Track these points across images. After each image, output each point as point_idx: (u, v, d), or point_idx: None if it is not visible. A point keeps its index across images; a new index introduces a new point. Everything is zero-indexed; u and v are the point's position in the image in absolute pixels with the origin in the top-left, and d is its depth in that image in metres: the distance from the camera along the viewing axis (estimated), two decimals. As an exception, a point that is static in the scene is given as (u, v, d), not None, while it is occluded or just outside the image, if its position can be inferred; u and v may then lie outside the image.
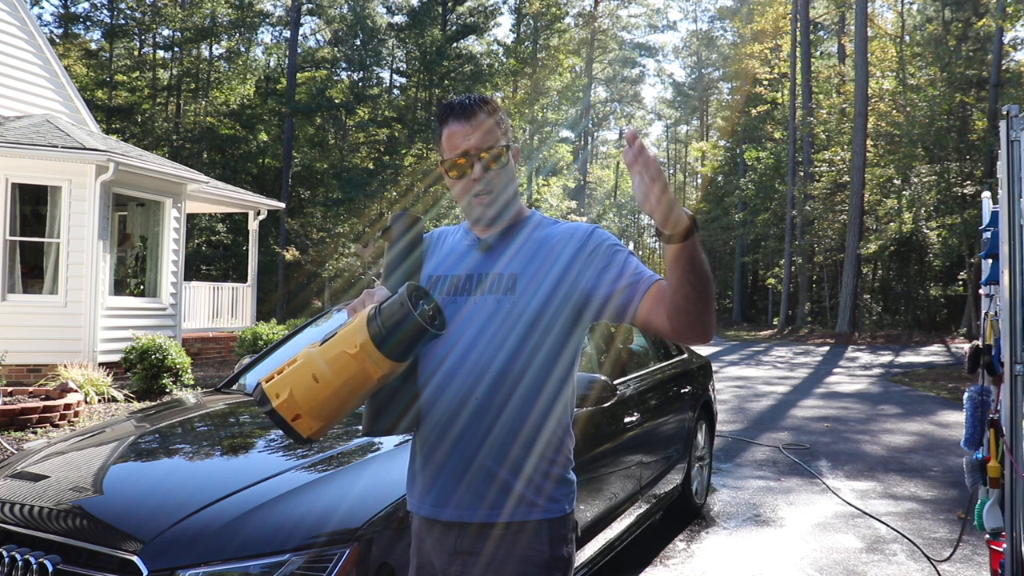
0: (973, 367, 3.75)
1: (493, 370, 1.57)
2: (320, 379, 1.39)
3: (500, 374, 1.57)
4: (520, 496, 1.58)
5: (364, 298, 1.55)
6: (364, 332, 1.39)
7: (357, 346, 1.39)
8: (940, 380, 13.31)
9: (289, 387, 1.40)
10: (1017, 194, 2.99)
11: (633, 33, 54.29)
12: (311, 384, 1.40)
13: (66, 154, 9.86)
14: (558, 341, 1.61)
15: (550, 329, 1.60)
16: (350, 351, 1.39)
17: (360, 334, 1.39)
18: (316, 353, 1.41)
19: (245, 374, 3.96)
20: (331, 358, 1.39)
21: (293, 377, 1.41)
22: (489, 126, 1.64)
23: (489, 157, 1.64)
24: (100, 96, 31.02)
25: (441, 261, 1.74)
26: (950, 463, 6.83)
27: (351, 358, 1.39)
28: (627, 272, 1.57)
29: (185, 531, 2.17)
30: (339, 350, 1.39)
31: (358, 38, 34.30)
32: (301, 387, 1.40)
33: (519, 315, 1.59)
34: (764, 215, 34.68)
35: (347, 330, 1.42)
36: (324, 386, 1.40)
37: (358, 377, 1.41)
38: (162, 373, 9.41)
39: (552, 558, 1.59)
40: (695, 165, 57.54)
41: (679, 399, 4.83)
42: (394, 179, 27.97)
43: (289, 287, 27.77)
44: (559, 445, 1.63)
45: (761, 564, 4.29)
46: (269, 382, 1.44)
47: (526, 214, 1.74)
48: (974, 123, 26.02)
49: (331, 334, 1.45)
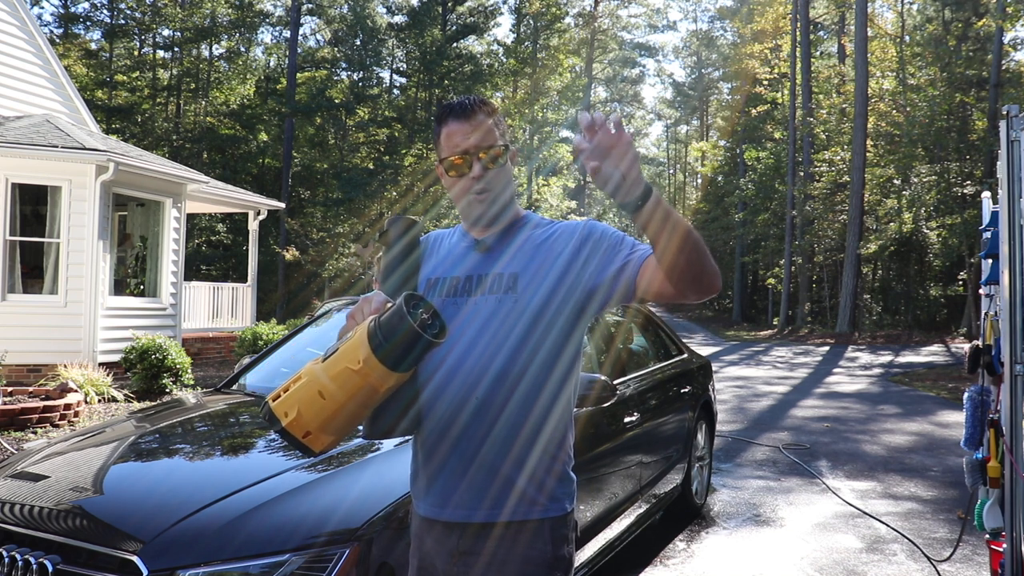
0: (973, 367, 3.74)
1: (494, 369, 1.57)
2: (327, 396, 1.39)
3: (501, 373, 1.57)
4: (522, 492, 1.58)
5: (362, 304, 1.55)
6: (366, 347, 1.38)
7: (360, 361, 1.38)
8: (940, 380, 13.31)
9: (297, 406, 1.40)
10: (1017, 194, 2.99)
11: (633, 33, 54.32)
12: (318, 401, 1.39)
13: (66, 154, 9.86)
14: (560, 337, 1.62)
15: (552, 325, 1.60)
16: (354, 367, 1.38)
17: (362, 349, 1.38)
18: (320, 370, 1.40)
19: (245, 374, 3.96)
20: (335, 374, 1.39)
21: (299, 395, 1.40)
22: (488, 126, 1.65)
23: (488, 157, 1.64)
24: (100, 96, 31.02)
25: (439, 263, 1.74)
26: (950, 463, 6.83)
27: (355, 373, 1.39)
28: (621, 255, 1.59)
29: (185, 531, 2.17)
30: (342, 366, 1.39)
31: (358, 38, 34.31)
32: (308, 405, 1.40)
33: (520, 313, 1.59)
34: (764, 215, 34.66)
35: (349, 345, 1.41)
36: (331, 402, 1.40)
37: (364, 391, 1.41)
38: (162, 373, 9.41)
39: (554, 558, 1.60)
40: (695, 165, 57.53)
41: (679, 399, 4.83)
42: (394, 179, 27.98)
43: (289, 287, 27.77)
44: (561, 440, 1.64)
45: (761, 564, 4.29)
46: (276, 401, 1.43)
47: (523, 215, 1.75)
48: (974, 123, 26.01)
49: (333, 349, 1.44)
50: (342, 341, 1.46)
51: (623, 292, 1.58)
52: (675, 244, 1.43)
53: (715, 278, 1.50)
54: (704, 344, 23.32)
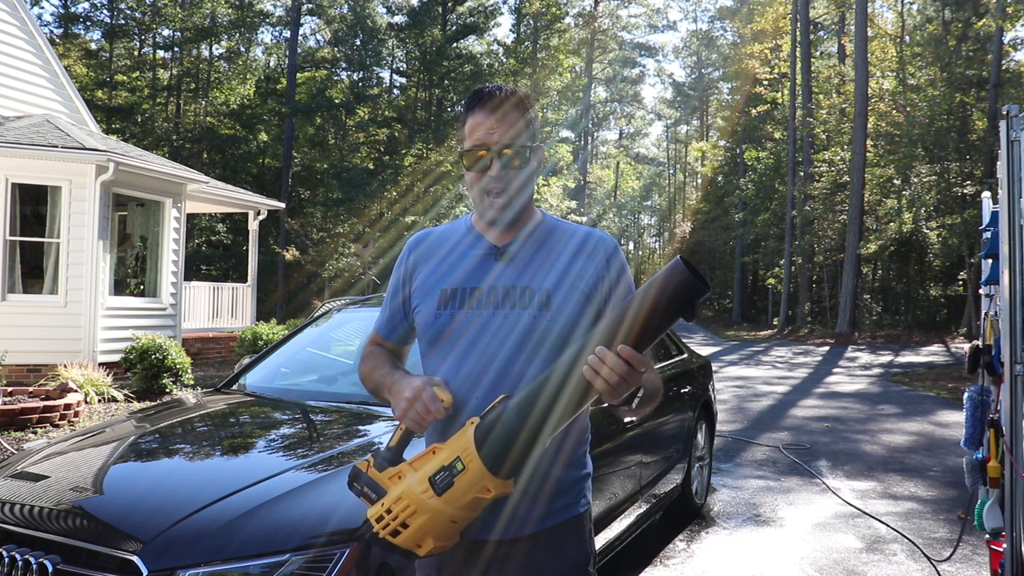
0: (973, 367, 3.74)
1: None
2: (460, 520, 1.44)
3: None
4: (559, 495, 1.60)
5: (420, 412, 1.50)
6: (491, 477, 1.40)
7: (492, 490, 1.41)
8: (940, 380, 13.31)
9: (429, 536, 1.43)
10: (1017, 194, 2.99)
11: (633, 33, 54.39)
12: (451, 527, 1.44)
13: (66, 154, 9.86)
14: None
15: (576, 340, 1.59)
16: (487, 495, 1.42)
17: (488, 479, 1.40)
18: (442, 504, 1.40)
19: (245, 374, 3.96)
20: (467, 503, 1.41)
21: (428, 528, 1.42)
22: (516, 122, 1.57)
23: (511, 155, 1.57)
24: (100, 96, 31.01)
25: (451, 270, 1.66)
26: (950, 463, 6.83)
27: (486, 498, 1.43)
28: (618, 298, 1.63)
29: (185, 531, 2.17)
30: (471, 496, 1.41)
31: (358, 38, 34.30)
32: (442, 531, 1.44)
33: (555, 331, 1.57)
34: (764, 215, 34.66)
35: (468, 479, 1.40)
36: (462, 522, 1.45)
37: (489, 500, 1.45)
38: (162, 373, 9.41)
39: (589, 554, 1.64)
40: (695, 165, 57.52)
41: (679, 399, 4.83)
42: (394, 179, 27.98)
43: (289, 287, 27.77)
44: (583, 440, 1.69)
45: (761, 564, 4.29)
46: (398, 536, 1.44)
47: (537, 216, 1.69)
48: (974, 123, 26.00)
49: (435, 474, 1.42)
50: (428, 455, 1.45)
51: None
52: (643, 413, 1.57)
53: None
54: (704, 344, 23.32)
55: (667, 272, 1.34)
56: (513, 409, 1.40)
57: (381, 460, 1.51)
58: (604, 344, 1.35)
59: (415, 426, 1.51)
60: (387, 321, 1.77)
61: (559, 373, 1.39)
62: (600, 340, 1.36)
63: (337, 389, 3.71)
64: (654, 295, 1.33)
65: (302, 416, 3.33)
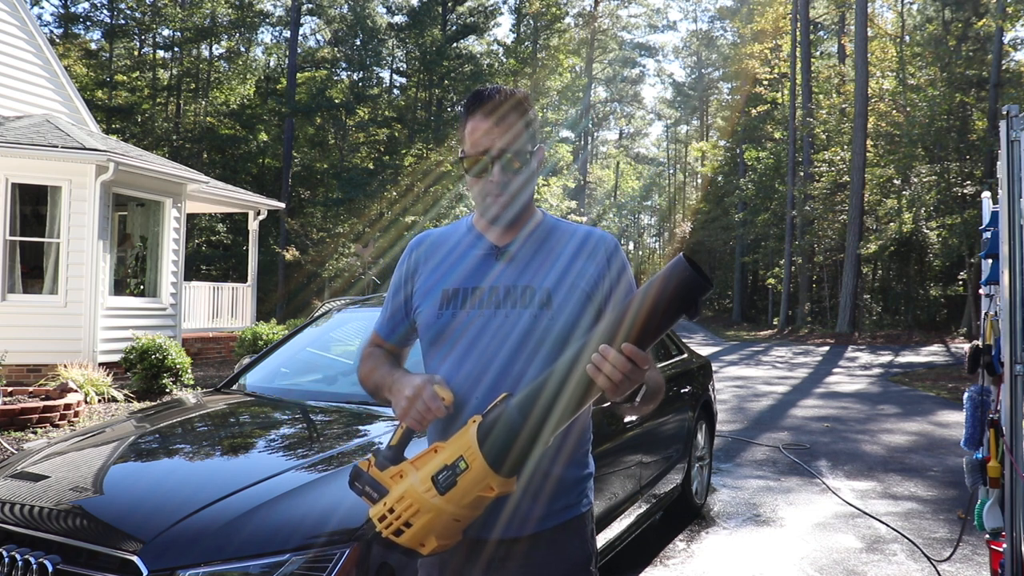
0: (973, 367, 3.74)
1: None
2: (463, 519, 1.44)
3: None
4: (559, 495, 1.60)
5: (421, 411, 1.50)
6: (494, 476, 1.40)
7: (495, 488, 1.41)
8: (940, 380, 13.31)
9: (432, 535, 1.43)
10: (1017, 194, 2.99)
11: (633, 33, 54.41)
12: (454, 525, 1.44)
13: (66, 154, 9.86)
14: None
15: (577, 340, 1.59)
16: (490, 493, 1.41)
17: (491, 478, 1.40)
18: (444, 502, 1.40)
19: (245, 374, 3.96)
20: (470, 502, 1.41)
21: (431, 526, 1.42)
22: (515, 126, 1.57)
23: (511, 158, 1.57)
24: (100, 96, 31.01)
25: (451, 270, 1.66)
26: (950, 463, 6.83)
27: (489, 497, 1.42)
28: (618, 298, 1.62)
29: (185, 531, 2.17)
30: (474, 495, 1.41)
31: (358, 38, 34.30)
32: (444, 529, 1.43)
33: (556, 330, 1.57)
34: (764, 215, 34.67)
35: (471, 478, 1.40)
36: (465, 520, 1.45)
37: (492, 497, 1.45)
38: (162, 373, 9.41)
39: (590, 554, 1.64)
40: (695, 165, 57.53)
41: (679, 399, 4.83)
42: (394, 179, 27.98)
43: (289, 287, 27.77)
44: (585, 439, 1.69)
45: (761, 564, 4.29)
46: (401, 536, 1.43)
47: (538, 215, 1.70)
48: (974, 123, 26.01)
49: (437, 473, 1.41)
50: (431, 453, 1.45)
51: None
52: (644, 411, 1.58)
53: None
54: (704, 344, 23.32)
55: (670, 269, 1.33)
56: (516, 407, 1.39)
57: (382, 459, 1.51)
58: (607, 342, 1.34)
59: (416, 425, 1.51)
60: (388, 321, 1.77)
61: (561, 370, 1.38)
62: (603, 338, 1.36)
63: (337, 389, 3.71)
64: (657, 292, 1.33)
65: (302, 416, 3.33)
